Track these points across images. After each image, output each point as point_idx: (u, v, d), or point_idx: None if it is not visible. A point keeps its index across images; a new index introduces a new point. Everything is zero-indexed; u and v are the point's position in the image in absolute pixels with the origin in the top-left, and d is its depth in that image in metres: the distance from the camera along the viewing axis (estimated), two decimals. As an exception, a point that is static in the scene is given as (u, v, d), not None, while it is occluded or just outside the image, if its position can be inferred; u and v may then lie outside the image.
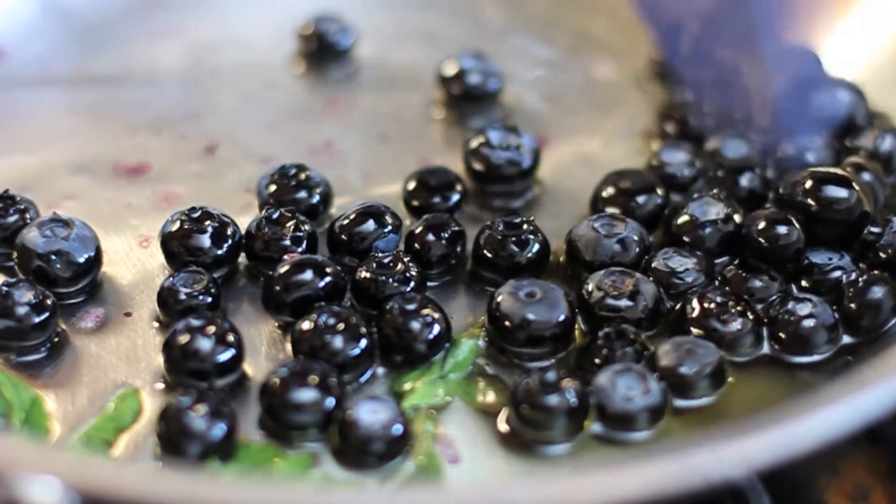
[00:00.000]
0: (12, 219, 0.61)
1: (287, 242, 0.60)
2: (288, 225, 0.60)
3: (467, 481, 0.52)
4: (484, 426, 0.54)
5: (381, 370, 0.56)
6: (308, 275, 0.57)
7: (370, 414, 0.52)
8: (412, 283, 0.58)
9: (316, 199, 0.63)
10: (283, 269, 0.57)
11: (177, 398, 0.52)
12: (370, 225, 0.60)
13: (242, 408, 0.54)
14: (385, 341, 0.56)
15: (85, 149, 0.69)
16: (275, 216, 0.60)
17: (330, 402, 0.53)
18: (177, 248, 0.59)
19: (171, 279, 0.58)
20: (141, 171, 0.67)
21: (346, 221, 0.60)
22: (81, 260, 0.59)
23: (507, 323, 0.56)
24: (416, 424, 0.54)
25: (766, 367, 0.56)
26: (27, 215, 0.61)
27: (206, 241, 0.59)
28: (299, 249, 0.60)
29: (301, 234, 0.60)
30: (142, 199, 0.66)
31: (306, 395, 0.52)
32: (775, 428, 0.48)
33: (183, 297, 0.57)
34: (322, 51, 0.76)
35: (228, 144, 0.69)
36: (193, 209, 0.60)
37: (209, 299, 0.58)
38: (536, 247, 0.60)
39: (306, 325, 0.55)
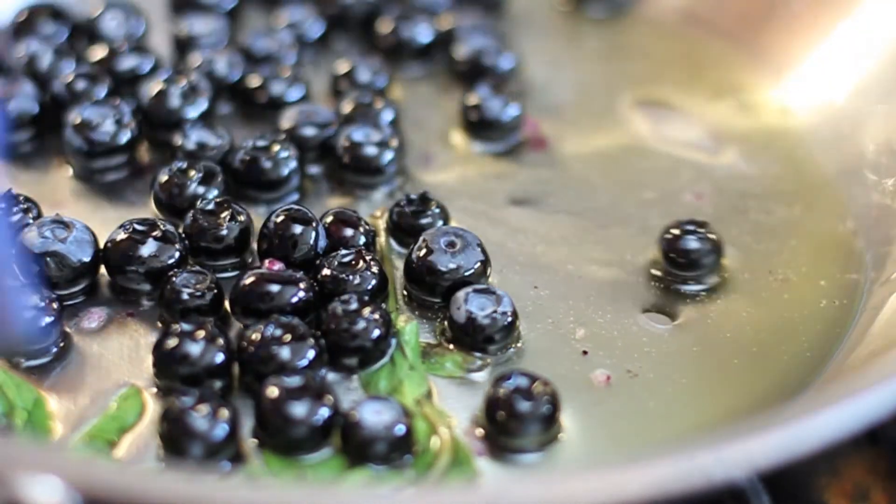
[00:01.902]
0: (15, 218, 0.61)
1: (223, 233, 0.60)
2: (223, 215, 0.61)
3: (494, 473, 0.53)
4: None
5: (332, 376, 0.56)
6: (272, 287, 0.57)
7: (374, 415, 0.52)
8: (374, 281, 0.58)
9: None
10: (248, 280, 0.57)
11: (179, 398, 0.52)
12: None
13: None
14: (334, 346, 0.56)
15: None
16: (209, 207, 0.61)
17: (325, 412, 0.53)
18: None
19: (172, 279, 0.58)
20: (146, 172, 0.67)
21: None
22: (76, 263, 0.59)
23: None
24: (431, 418, 0.54)
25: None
26: (30, 215, 0.61)
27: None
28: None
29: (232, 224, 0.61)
30: (147, 199, 0.66)
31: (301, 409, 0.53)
32: (778, 429, 0.48)
33: (185, 297, 0.57)
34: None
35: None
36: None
37: (211, 299, 0.58)
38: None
39: (254, 336, 0.55)
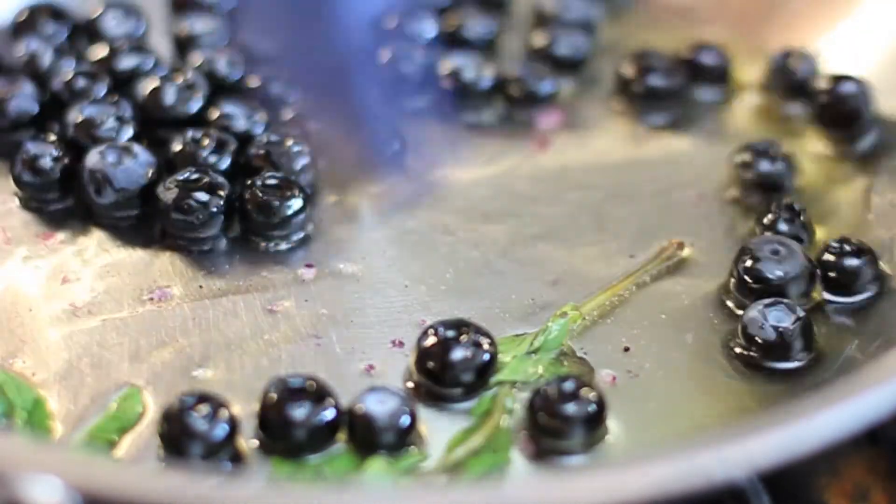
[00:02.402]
0: None
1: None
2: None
3: (472, 479, 0.52)
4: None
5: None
6: None
7: (378, 404, 0.53)
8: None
9: None
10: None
11: (179, 398, 0.52)
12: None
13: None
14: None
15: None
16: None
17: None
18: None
19: None
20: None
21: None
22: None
23: None
24: (497, 400, 0.54)
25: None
26: None
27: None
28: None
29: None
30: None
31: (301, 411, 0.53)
32: (778, 429, 0.48)
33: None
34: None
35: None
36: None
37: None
38: None
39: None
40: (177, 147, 0.65)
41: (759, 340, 0.57)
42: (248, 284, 0.61)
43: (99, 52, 0.71)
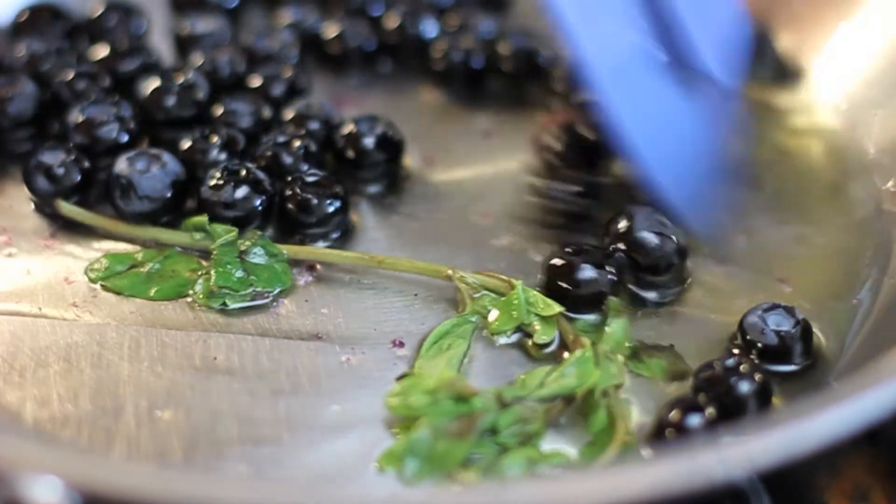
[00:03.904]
0: None
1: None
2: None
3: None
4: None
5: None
6: None
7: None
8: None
9: None
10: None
11: None
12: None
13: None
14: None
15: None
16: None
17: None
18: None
19: None
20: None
21: None
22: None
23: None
24: (611, 411, 0.54)
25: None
26: None
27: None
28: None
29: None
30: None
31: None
32: (778, 429, 0.48)
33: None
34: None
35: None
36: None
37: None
38: None
39: None
40: (185, 144, 0.65)
41: (761, 345, 0.57)
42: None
43: (99, 52, 0.71)
